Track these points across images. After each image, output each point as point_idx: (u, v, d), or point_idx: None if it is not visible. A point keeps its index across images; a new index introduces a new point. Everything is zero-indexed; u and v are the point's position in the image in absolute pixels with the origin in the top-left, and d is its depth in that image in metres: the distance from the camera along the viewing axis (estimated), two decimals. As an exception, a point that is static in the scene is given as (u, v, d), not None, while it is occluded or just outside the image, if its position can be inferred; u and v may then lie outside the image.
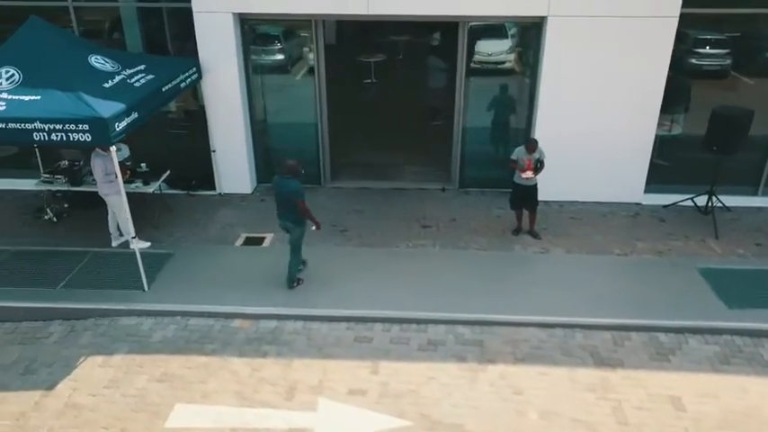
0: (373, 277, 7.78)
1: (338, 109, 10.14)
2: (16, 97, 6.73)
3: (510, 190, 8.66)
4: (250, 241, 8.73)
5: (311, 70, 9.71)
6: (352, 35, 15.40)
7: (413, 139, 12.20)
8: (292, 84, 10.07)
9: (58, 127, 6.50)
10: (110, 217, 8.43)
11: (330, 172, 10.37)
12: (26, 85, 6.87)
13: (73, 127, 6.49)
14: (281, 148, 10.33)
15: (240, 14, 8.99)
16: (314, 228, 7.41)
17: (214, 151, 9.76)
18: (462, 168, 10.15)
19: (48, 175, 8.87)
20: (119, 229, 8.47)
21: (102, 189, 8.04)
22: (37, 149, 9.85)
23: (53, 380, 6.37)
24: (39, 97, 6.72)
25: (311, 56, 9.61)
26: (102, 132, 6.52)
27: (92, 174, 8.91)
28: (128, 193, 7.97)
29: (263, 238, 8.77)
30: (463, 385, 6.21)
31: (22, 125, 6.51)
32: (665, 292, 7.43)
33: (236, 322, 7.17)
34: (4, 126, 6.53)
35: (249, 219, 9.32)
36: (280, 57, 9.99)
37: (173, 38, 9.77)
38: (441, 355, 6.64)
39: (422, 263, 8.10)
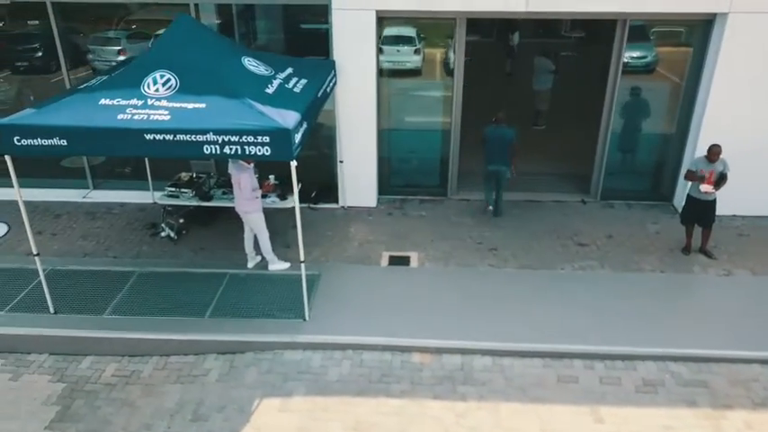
0: (551, 304, 6.98)
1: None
2: (178, 105, 5.94)
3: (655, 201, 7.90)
4: (395, 261, 7.93)
5: (440, 72, 8.95)
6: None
7: (531, 144, 11.47)
8: (419, 87, 9.27)
9: (233, 139, 5.70)
10: (246, 235, 7.64)
11: (457, 182, 9.57)
12: (185, 91, 6.07)
13: (251, 139, 5.69)
14: (401, 158, 9.56)
15: (380, 12, 8.18)
16: (513, 172, 8.63)
17: (341, 161, 8.97)
18: (605, 178, 9.33)
19: (172, 189, 8.07)
20: (255, 248, 7.70)
21: (244, 206, 7.25)
22: (146, 159, 9.12)
23: (232, 428, 5.59)
24: (203, 105, 5.93)
25: (442, 56, 8.85)
26: (284, 145, 5.72)
27: (220, 187, 8.20)
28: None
29: (408, 258, 7.98)
30: (709, 437, 5.42)
31: (193, 137, 5.71)
32: None
33: (416, 357, 6.38)
34: (171, 138, 5.73)
35: (384, 235, 8.52)
36: (408, 58, 9.17)
37: (295, 37, 9.01)
38: (665, 398, 5.83)
39: (598, 288, 7.30)
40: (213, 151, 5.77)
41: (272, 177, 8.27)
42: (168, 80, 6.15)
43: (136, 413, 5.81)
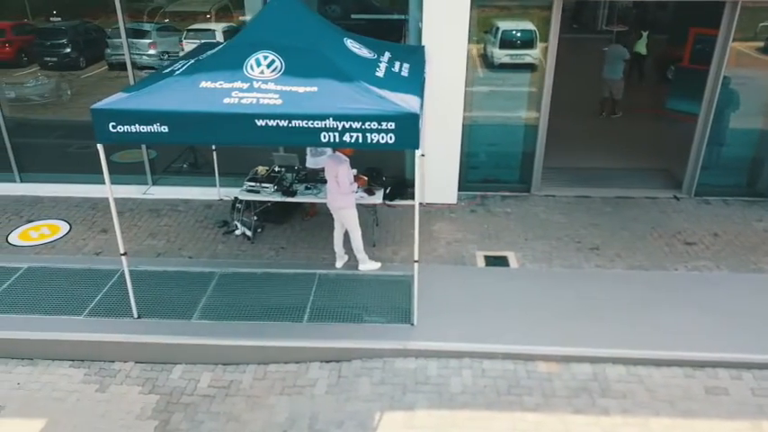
0: (675, 308, 6.41)
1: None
2: (287, 88, 5.37)
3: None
4: (492, 261, 7.38)
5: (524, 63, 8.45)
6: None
7: (606, 137, 11.01)
8: (502, 78, 8.73)
9: (355, 126, 5.14)
10: (336, 233, 7.09)
11: (541, 178, 9.01)
12: (292, 73, 5.50)
13: (375, 126, 5.14)
14: (481, 152, 9.00)
15: (475, -5, 7.64)
16: None
17: (423, 155, 8.40)
18: (701, 173, 8.78)
19: (252, 183, 7.51)
20: (344, 247, 7.14)
21: (339, 201, 6.71)
22: (215, 153, 8.57)
23: (356, 446, 5.04)
24: (315, 89, 5.36)
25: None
26: (410, 132, 5.18)
27: (302, 181, 7.65)
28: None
29: (505, 258, 7.43)
30: None
31: (310, 123, 5.16)
32: None
33: (542, 366, 5.81)
34: (285, 124, 5.17)
35: (472, 233, 7.96)
36: (491, 46, 8.64)
37: (366, 24, 8.48)
38: (831, 412, 5.28)
39: (720, 290, 6.73)
40: (331, 139, 5.22)
41: (355, 171, 7.71)
42: (273, 61, 5.58)
43: (244, 429, 5.25)
